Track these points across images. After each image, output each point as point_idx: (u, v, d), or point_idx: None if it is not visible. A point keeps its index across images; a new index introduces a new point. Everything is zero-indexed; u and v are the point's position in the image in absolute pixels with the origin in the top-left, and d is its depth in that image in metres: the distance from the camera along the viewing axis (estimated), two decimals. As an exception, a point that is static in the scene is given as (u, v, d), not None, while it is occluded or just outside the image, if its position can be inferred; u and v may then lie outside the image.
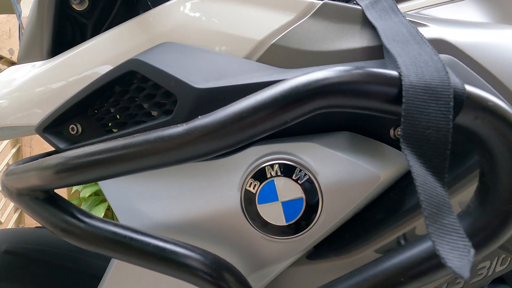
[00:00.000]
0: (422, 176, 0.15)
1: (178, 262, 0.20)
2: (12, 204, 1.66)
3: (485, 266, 0.30)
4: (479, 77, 0.21)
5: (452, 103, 0.15)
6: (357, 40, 0.23)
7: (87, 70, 0.28)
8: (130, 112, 0.26)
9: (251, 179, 0.22)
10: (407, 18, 0.22)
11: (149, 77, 0.23)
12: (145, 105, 0.25)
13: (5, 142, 1.64)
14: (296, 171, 0.22)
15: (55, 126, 0.28)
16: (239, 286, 0.20)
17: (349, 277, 0.20)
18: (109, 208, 1.77)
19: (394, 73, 0.17)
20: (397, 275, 0.18)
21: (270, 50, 0.23)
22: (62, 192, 1.79)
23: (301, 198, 0.21)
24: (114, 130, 0.27)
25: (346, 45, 0.23)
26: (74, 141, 0.28)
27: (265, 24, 0.24)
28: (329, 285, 0.20)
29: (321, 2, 0.24)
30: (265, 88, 0.16)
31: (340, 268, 0.23)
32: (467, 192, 0.22)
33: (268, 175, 0.22)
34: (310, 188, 0.21)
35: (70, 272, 0.42)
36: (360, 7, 0.24)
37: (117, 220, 0.28)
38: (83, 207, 1.67)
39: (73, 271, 0.42)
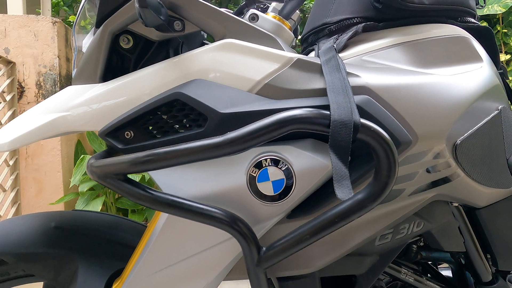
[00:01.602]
0: (335, 162, 0.29)
1: (208, 214, 0.33)
2: (9, 199, 1.72)
3: (405, 227, 0.45)
4: (384, 109, 0.35)
5: (351, 129, 0.29)
6: (317, 84, 0.36)
7: (137, 94, 0.40)
8: (171, 125, 0.38)
9: (253, 167, 0.35)
10: (346, 70, 0.36)
11: (190, 104, 0.35)
12: (184, 120, 0.38)
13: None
14: (280, 162, 0.35)
15: (114, 132, 0.40)
16: (246, 229, 0.34)
17: (308, 223, 0.34)
18: (104, 203, 1.86)
19: (327, 113, 0.31)
20: (333, 218, 0.33)
21: (265, 87, 0.37)
22: (58, 188, 1.85)
23: (283, 179, 0.35)
24: (158, 136, 0.39)
25: (310, 86, 0.36)
26: (127, 143, 0.40)
27: (261, 69, 0.37)
28: (297, 229, 0.34)
29: (296, 57, 0.38)
30: (265, 118, 0.30)
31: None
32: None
33: (263, 165, 0.35)
34: (288, 173, 0.35)
35: (105, 242, 0.54)
36: (319, 63, 0.38)
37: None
38: (81, 201, 1.75)
39: (107, 241, 0.54)
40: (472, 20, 0.54)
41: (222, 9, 0.41)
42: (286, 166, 0.35)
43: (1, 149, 0.42)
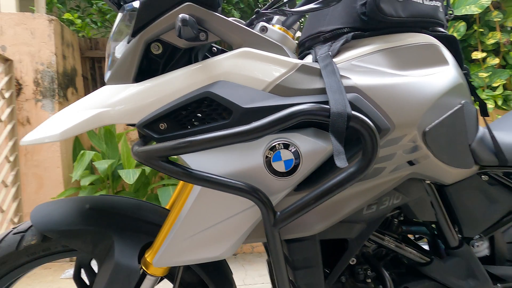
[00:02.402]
0: (335, 142, 0.39)
1: (235, 186, 0.42)
2: (11, 195, 1.75)
3: (387, 199, 0.56)
4: (369, 104, 0.46)
5: (345, 118, 0.39)
6: (317, 84, 0.46)
7: (169, 93, 0.48)
8: (200, 117, 0.47)
9: (268, 150, 0.45)
10: (340, 73, 0.46)
11: (218, 100, 0.44)
12: (211, 114, 0.46)
13: (3, 136, 1.72)
14: (290, 146, 0.45)
15: (151, 124, 0.48)
16: (265, 198, 0.43)
17: (312, 192, 0.45)
18: (104, 196, 1.91)
19: (328, 107, 0.41)
20: (331, 187, 0.43)
21: (276, 87, 0.46)
22: (59, 183, 1.89)
23: (292, 159, 0.45)
24: (187, 127, 0.48)
25: (312, 86, 0.46)
26: (161, 133, 0.48)
27: (272, 73, 0.46)
28: (304, 197, 0.44)
29: (301, 63, 0.47)
30: (280, 111, 0.40)
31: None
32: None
33: (277, 148, 0.45)
34: (296, 154, 0.44)
35: (133, 220, 0.62)
36: (319, 67, 0.48)
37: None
38: (82, 195, 1.80)
39: (135, 219, 0.62)
40: (441, 29, 0.65)
41: (238, 23, 0.50)
42: (295, 149, 0.45)
43: (53, 139, 0.49)
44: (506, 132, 0.78)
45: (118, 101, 0.49)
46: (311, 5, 0.50)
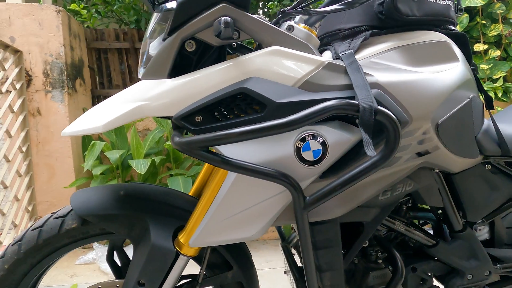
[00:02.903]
0: (364, 134, 0.44)
1: (269, 173, 0.47)
2: (24, 184, 1.79)
3: (400, 186, 0.61)
4: (390, 99, 0.50)
5: (373, 113, 0.44)
6: (343, 81, 0.50)
7: (205, 88, 0.52)
8: (234, 111, 0.51)
9: (299, 141, 0.49)
10: (363, 70, 0.50)
11: (252, 95, 0.48)
12: (245, 108, 0.50)
13: (15, 127, 1.75)
14: (318, 137, 0.49)
15: (187, 117, 0.52)
16: (296, 183, 0.48)
17: (339, 178, 0.50)
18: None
19: (357, 102, 0.45)
20: (357, 173, 0.48)
21: (304, 83, 0.50)
22: (70, 173, 1.94)
23: (320, 149, 0.49)
24: (221, 120, 0.52)
25: (338, 82, 0.50)
26: (197, 125, 0.52)
27: (301, 70, 0.50)
28: (331, 183, 0.49)
29: (327, 61, 0.51)
30: (312, 106, 0.45)
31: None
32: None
33: (306, 139, 0.49)
34: (323, 145, 0.49)
35: (165, 205, 0.67)
36: (343, 65, 0.52)
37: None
38: (94, 184, 1.85)
39: (167, 204, 0.67)
40: (452, 27, 0.69)
41: (267, 22, 0.53)
42: (322, 140, 0.49)
43: (96, 131, 0.53)
44: (508, 124, 0.83)
45: (156, 95, 0.53)
46: (335, 6, 0.54)
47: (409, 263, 0.74)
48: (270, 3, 2.12)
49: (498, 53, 2.62)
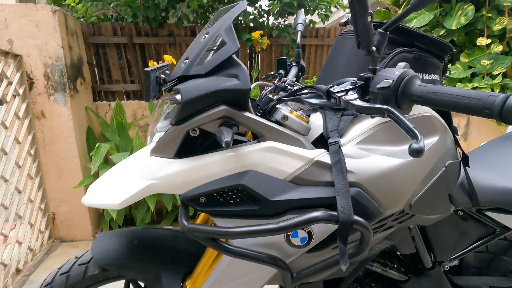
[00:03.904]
0: (341, 246, 0.53)
1: (262, 259, 0.56)
2: (36, 185, 1.90)
3: (377, 246, 0.71)
4: (368, 196, 0.57)
5: (350, 225, 0.51)
6: (328, 178, 0.57)
7: (208, 175, 0.58)
8: (234, 199, 0.58)
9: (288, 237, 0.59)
10: (346, 169, 0.57)
11: (249, 192, 0.55)
12: (243, 198, 0.58)
13: (23, 131, 1.81)
14: (305, 227, 0.58)
15: (193, 199, 0.60)
16: (284, 264, 0.58)
17: (323, 261, 0.59)
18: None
19: (336, 214, 0.52)
20: (336, 261, 0.58)
21: (295, 178, 0.56)
22: (77, 172, 2.03)
23: (306, 236, 0.57)
24: (224, 203, 0.59)
25: (324, 179, 0.57)
26: (202, 206, 0.60)
27: (292, 165, 0.57)
28: (315, 264, 0.59)
29: (315, 159, 0.58)
30: (302, 215, 0.52)
31: (316, 256, 0.62)
32: None
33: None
34: (309, 233, 0.57)
35: (174, 252, 0.77)
36: (329, 163, 0.58)
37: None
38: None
39: (175, 250, 0.77)
40: None
41: (263, 120, 0.58)
42: (308, 229, 0.58)
43: (113, 207, 0.61)
44: (482, 170, 0.90)
45: (165, 176, 0.60)
46: (326, 101, 0.59)
47: (384, 293, 0.87)
48: (271, 1, 2.07)
49: (500, 48, 2.59)
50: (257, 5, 2.34)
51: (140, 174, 0.61)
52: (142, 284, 0.85)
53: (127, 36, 2.31)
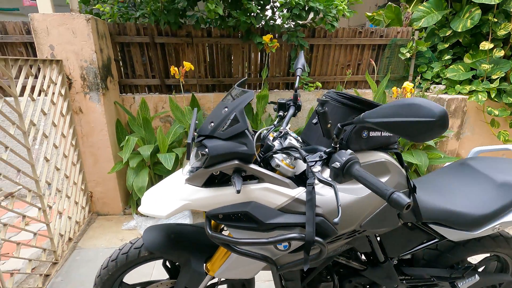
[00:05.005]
0: (305, 255, 0.84)
1: (258, 257, 0.88)
2: (77, 169, 2.26)
3: (339, 249, 1.02)
4: (328, 223, 0.86)
5: (312, 243, 0.82)
6: (303, 209, 0.87)
7: (224, 201, 0.88)
8: (241, 219, 0.88)
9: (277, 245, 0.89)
10: (316, 204, 0.85)
11: (251, 216, 0.85)
12: (248, 219, 0.88)
13: (66, 126, 2.13)
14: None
15: (214, 215, 0.90)
16: (272, 261, 0.90)
17: (297, 261, 0.92)
18: (148, 173, 2.41)
19: (304, 236, 0.83)
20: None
21: (282, 208, 0.86)
22: (110, 159, 2.38)
23: (287, 245, 0.90)
24: (235, 220, 0.90)
25: (301, 210, 0.86)
26: (220, 220, 0.90)
27: (280, 200, 0.85)
28: (293, 261, 0.91)
29: (296, 197, 0.86)
30: (281, 235, 0.83)
31: (294, 256, 0.94)
32: None
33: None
34: (289, 243, 0.90)
35: (197, 243, 1.10)
36: (305, 200, 0.87)
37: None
38: (130, 172, 2.30)
39: (198, 241, 1.10)
40: (395, 146, 1.00)
41: (264, 170, 0.86)
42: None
43: (162, 217, 0.93)
44: (430, 192, 1.18)
45: (196, 199, 0.91)
46: (308, 161, 0.87)
47: (348, 278, 1.19)
48: (281, 13, 2.23)
49: (502, 53, 2.68)
50: (268, 7, 2.49)
51: (179, 196, 0.92)
52: (176, 264, 1.21)
53: (149, 36, 2.53)
